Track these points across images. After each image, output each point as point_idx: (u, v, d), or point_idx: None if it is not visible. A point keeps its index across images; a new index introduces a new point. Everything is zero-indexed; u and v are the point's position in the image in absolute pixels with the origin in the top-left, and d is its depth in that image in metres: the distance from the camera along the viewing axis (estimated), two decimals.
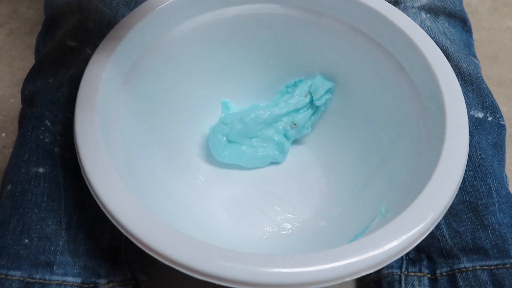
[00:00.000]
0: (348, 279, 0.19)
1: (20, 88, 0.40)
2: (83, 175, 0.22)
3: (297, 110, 0.35)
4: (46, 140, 0.28)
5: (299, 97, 0.35)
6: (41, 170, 0.27)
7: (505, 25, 0.49)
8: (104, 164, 0.22)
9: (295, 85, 0.36)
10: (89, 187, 0.22)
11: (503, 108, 0.41)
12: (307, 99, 0.35)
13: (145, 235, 0.20)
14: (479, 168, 0.28)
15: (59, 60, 0.30)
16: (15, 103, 0.41)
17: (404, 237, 0.20)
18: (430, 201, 0.21)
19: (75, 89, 0.27)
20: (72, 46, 0.30)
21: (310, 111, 0.36)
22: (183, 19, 0.30)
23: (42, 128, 0.28)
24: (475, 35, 0.45)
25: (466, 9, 0.49)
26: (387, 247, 0.20)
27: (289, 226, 0.32)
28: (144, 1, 0.29)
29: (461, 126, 0.24)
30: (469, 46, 0.35)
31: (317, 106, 0.35)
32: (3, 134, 0.39)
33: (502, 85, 0.44)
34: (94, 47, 0.27)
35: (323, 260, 0.19)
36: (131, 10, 0.28)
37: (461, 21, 0.35)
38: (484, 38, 0.48)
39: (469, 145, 0.28)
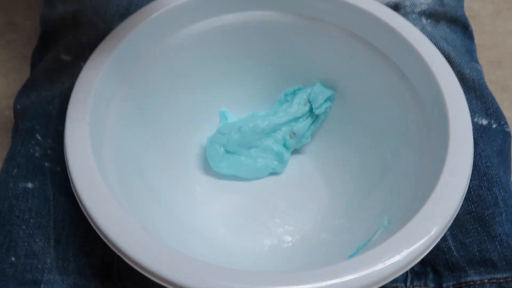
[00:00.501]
0: None
1: (11, 99, 0.40)
2: (73, 189, 0.22)
3: (296, 119, 0.34)
4: (36, 154, 0.27)
5: (298, 106, 0.34)
6: (30, 185, 0.26)
7: (508, 29, 0.48)
8: (94, 178, 0.21)
9: (294, 93, 0.35)
10: (78, 201, 0.21)
11: (508, 115, 0.40)
12: (307, 108, 0.34)
13: (137, 254, 0.19)
14: (484, 177, 0.27)
15: (53, 74, 0.30)
16: (10, 116, 0.40)
17: (407, 251, 0.19)
18: (434, 213, 0.20)
19: (67, 102, 0.26)
20: (66, 60, 0.30)
21: (309, 120, 0.35)
22: (178, 27, 0.30)
23: (32, 142, 0.27)
24: (477, 40, 0.45)
25: (468, 13, 0.48)
26: (389, 262, 0.19)
27: (289, 239, 0.31)
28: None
29: (465, 134, 0.23)
30: (471, 51, 0.35)
31: (316, 115, 0.34)
32: None
33: (506, 90, 0.43)
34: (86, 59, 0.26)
35: (323, 277, 0.18)
36: None
37: (463, 27, 0.34)
38: (487, 42, 0.47)
39: (474, 153, 0.27)
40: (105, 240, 0.20)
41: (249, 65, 0.34)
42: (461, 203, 0.21)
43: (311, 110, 0.34)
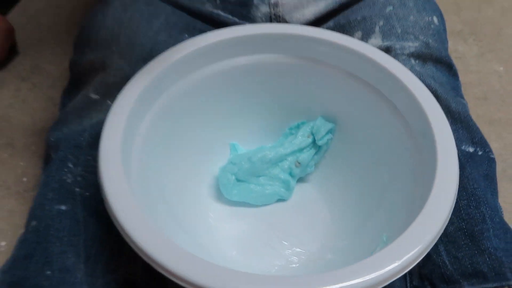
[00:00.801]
0: None
1: (41, 137, 0.44)
2: (108, 210, 0.24)
3: (301, 150, 0.38)
4: (68, 180, 0.30)
5: (302, 138, 0.38)
6: (63, 207, 0.29)
7: (491, 68, 0.53)
8: (129, 202, 0.24)
9: (298, 127, 0.39)
10: (113, 219, 0.24)
11: (495, 145, 0.44)
12: (310, 140, 0.38)
13: (169, 262, 0.22)
14: (472, 197, 0.30)
15: (83, 111, 0.34)
16: (36, 151, 0.43)
17: (405, 257, 0.22)
18: (422, 228, 0.23)
19: (96, 135, 0.30)
20: (95, 98, 0.34)
21: (313, 151, 0.38)
22: (197, 68, 0.34)
23: (65, 170, 0.31)
24: (464, 78, 0.49)
25: (455, 55, 0.53)
26: (388, 267, 0.21)
27: (297, 260, 0.34)
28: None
29: (450, 160, 0.27)
30: (456, 88, 0.38)
31: (319, 146, 0.38)
32: (25, 179, 0.41)
33: (493, 123, 0.47)
34: (114, 99, 0.30)
35: (337, 278, 0.21)
36: None
37: (447, 66, 0.38)
38: (473, 80, 0.51)
39: (462, 177, 0.30)
40: (137, 251, 0.23)
41: (258, 101, 0.38)
42: (448, 219, 0.24)
43: (314, 141, 0.38)
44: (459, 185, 0.29)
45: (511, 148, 0.45)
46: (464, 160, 0.32)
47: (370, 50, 0.33)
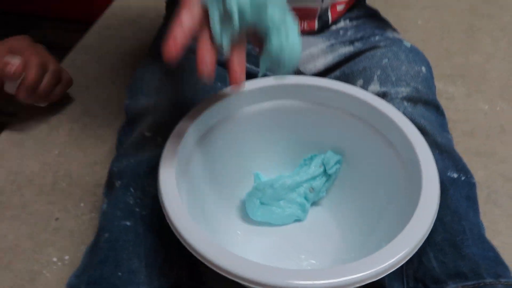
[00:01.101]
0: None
1: (93, 168, 0.52)
2: (170, 224, 0.31)
3: (314, 178, 0.45)
4: (131, 202, 0.38)
5: (315, 168, 0.45)
6: (128, 223, 0.37)
7: (478, 107, 0.61)
8: (186, 217, 0.32)
9: (311, 158, 0.46)
10: (174, 230, 0.31)
11: (481, 173, 0.51)
12: (321, 169, 0.45)
13: (226, 264, 0.28)
14: (455, 214, 0.37)
15: (139, 146, 0.41)
16: (90, 180, 0.51)
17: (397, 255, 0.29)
18: (409, 236, 0.30)
19: (151, 167, 0.38)
20: (148, 136, 0.42)
21: (324, 179, 0.45)
22: (231, 111, 0.42)
23: (128, 194, 0.38)
24: (454, 116, 0.57)
25: (445, 95, 0.61)
26: (384, 264, 0.29)
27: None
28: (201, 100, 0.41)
29: (433, 183, 0.34)
30: (443, 125, 0.46)
31: (329, 174, 0.45)
32: (82, 204, 0.49)
33: (479, 155, 0.54)
34: (164, 136, 0.38)
35: (350, 270, 0.28)
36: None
37: (435, 107, 0.46)
38: (462, 118, 0.59)
39: (447, 197, 0.38)
40: (198, 257, 0.29)
41: (278, 138, 0.45)
42: (431, 228, 0.31)
43: (325, 171, 0.45)
44: (444, 204, 0.37)
45: (494, 176, 0.52)
46: (449, 184, 0.39)
47: (369, 96, 0.41)
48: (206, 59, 0.29)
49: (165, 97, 0.44)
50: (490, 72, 0.66)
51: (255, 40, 0.33)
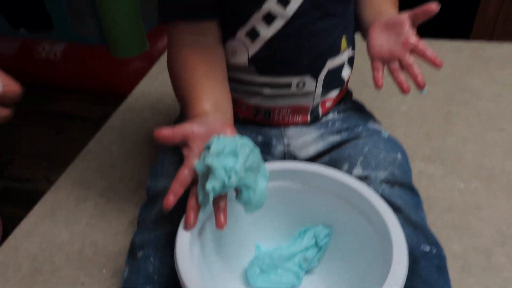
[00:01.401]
0: None
1: (116, 237, 0.59)
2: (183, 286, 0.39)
3: (307, 249, 0.52)
4: (150, 270, 0.45)
5: (307, 240, 0.53)
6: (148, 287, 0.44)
7: (454, 185, 0.68)
8: (196, 278, 0.39)
9: (304, 232, 0.54)
10: None
11: (456, 246, 0.57)
12: (313, 241, 0.52)
13: None
14: (426, 282, 0.44)
15: (157, 222, 0.49)
16: (112, 249, 0.59)
17: None
18: None
19: (168, 241, 0.45)
20: (166, 213, 0.50)
21: (316, 249, 0.52)
22: None
23: (148, 263, 0.46)
24: (432, 193, 0.64)
25: (425, 174, 0.69)
26: None
27: None
28: None
29: (401, 255, 0.41)
30: (417, 204, 0.53)
31: (320, 245, 0.52)
32: (104, 270, 0.56)
33: (455, 229, 0.61)
34: (180, 213, 0.46)
35: None
36: None
37: (410, 189, 0.54)
38: (440, 195, 0.66)
39: (419, 268, 0.45)
40: None
41: (276, 214, 0.53)
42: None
43: (316, 242, 0.53)
44: (417, 274, 0.44)
45: (469, 249, 0.58)
46: (421, 256, 0.46)
47: (351, 181, 0.50)
48: (191, 220, 0.43)
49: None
50: (466, 154, 0.75)
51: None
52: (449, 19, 1.95)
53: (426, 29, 0.70)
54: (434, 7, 0.49)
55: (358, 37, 0.62)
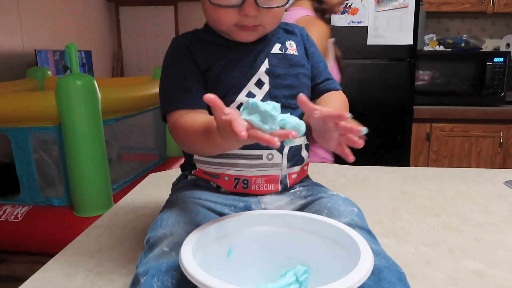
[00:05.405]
0: None
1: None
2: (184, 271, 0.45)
3: (288, 285, 0.59)
4: (155, 286, 0.51)
5: (289, 277, 0.60)
6: None
7: (408, 251, 0.79)
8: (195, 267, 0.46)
9: (285, 273, 0.61)
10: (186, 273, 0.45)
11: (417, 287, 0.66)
12: (294, 278, 0.60)
13: None
14: (392, 283, 0.52)
15: (159, 258, 0.55)
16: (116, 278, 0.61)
17: None
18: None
19: (169, 267, 0.53)
20: (167, 250, 0.56)
21: (297, 285, 0.59)
22: (223, 234, 0.59)
23: (152, 282, 0.51)
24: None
25: (382, 245, 0.80)
26: None
27: None
28: None
29: (368, 256, 0.51)
30: (376, 241, 0.63)
31: (300, 282, 0.59)
32: None
33: (413, 276, 0.70)
34: (177, 250, 0.54)
35: None
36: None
37: (368, 231, 0.64)
38: (396, 256, 0.76)
39: (383, 274, 0.53)
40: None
41: (262, 256, 0.61)
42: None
43: (297, 279, 0.60)
44: (381, 279, 0.53)
45: None
46: (383, 267, 0.55)
47: (325, 219, 0.61)
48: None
49: (178, 227, 0.61)
50: (412, 231, 0.88)
51: None
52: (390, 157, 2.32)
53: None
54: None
55: None
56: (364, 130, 0.54)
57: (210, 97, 0.51)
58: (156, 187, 1.16)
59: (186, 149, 0.73)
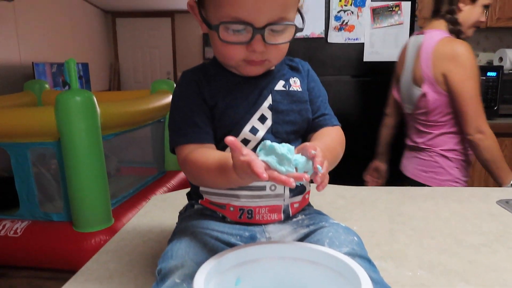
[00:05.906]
0: None
1: None
2: None
3: None
4: None
5: None
6: None
7: (404, 274, 0.83)
8: None
9: None
10: None
11: None
12: None
13: None
14: None
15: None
16: None
17: None
18: None
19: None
20: (178, 282, 0.60)
21: None
22: (231, 266, 0.63)
23: None
24: (387, 280, 0.78)
25: (380, 269, 0.83)
26: None
27: None
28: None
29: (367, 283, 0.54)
30: (375, 270, 0.67)
31: None
32: None
33: None
34: (189, 282, 0.57)
35: None
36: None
37: (367, 260, 0.68)
38: (393, 281, 0.80)
39: None
40: None
41: (268, 285, 0.65)
42: None
43: None
44: None
45: None
46: None
47: (329, 250, 0.64)
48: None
49: (188, 258, 0.64)
50: (409, 253, 0.92)
51: None
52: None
53: None
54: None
55: None
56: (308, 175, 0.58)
57: (231, 139, 0.55)
58: (160, 209, 1.19)
59: (195, 183, 0.76)
